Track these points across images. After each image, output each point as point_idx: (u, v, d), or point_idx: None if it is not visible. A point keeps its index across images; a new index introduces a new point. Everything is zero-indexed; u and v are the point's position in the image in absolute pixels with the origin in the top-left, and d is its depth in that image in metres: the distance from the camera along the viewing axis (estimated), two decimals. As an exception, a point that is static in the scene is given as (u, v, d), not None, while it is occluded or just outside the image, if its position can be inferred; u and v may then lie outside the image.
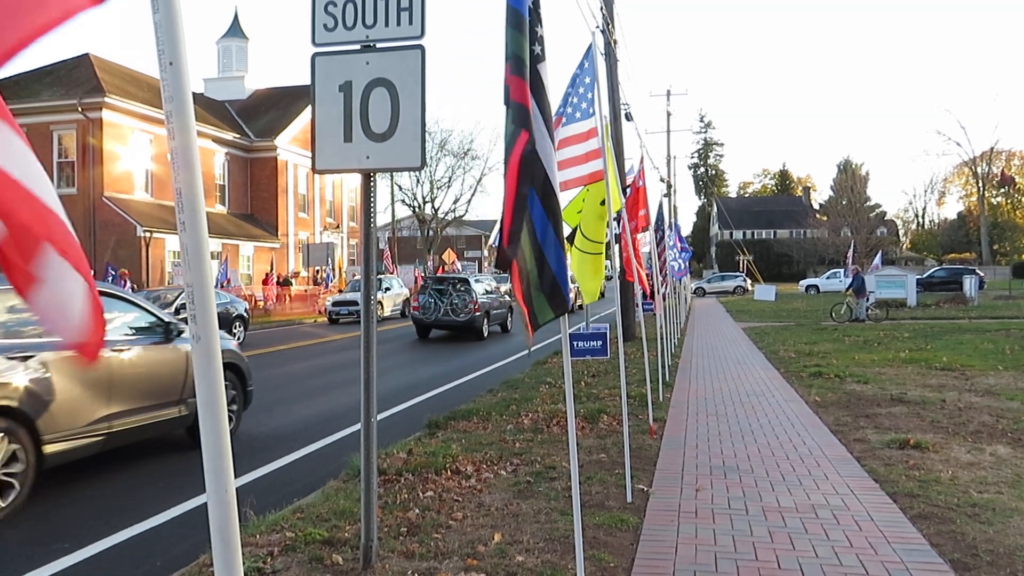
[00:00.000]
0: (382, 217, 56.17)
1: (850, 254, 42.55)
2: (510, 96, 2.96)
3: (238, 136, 38.66)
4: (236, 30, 44.69)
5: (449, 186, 56.59)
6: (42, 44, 1.20)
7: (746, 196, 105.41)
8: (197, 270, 1.60)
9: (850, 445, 7.09)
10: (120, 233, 29.50)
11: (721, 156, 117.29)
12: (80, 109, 29.55)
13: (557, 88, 11.57)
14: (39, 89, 30.31)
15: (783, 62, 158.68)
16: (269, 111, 41.72)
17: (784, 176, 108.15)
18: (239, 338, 19.06)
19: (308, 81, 4.15)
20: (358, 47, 4.09)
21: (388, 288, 29.47)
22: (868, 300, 24.75)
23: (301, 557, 4.37)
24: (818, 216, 78.19)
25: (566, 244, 3.31)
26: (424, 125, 4.02)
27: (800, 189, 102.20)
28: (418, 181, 55.39)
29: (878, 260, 40.18)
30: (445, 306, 20.49)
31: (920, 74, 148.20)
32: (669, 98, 47.34)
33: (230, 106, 42.16)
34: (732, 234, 79.68)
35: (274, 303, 32.37)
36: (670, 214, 32.64)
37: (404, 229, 62.40)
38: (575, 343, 8.96)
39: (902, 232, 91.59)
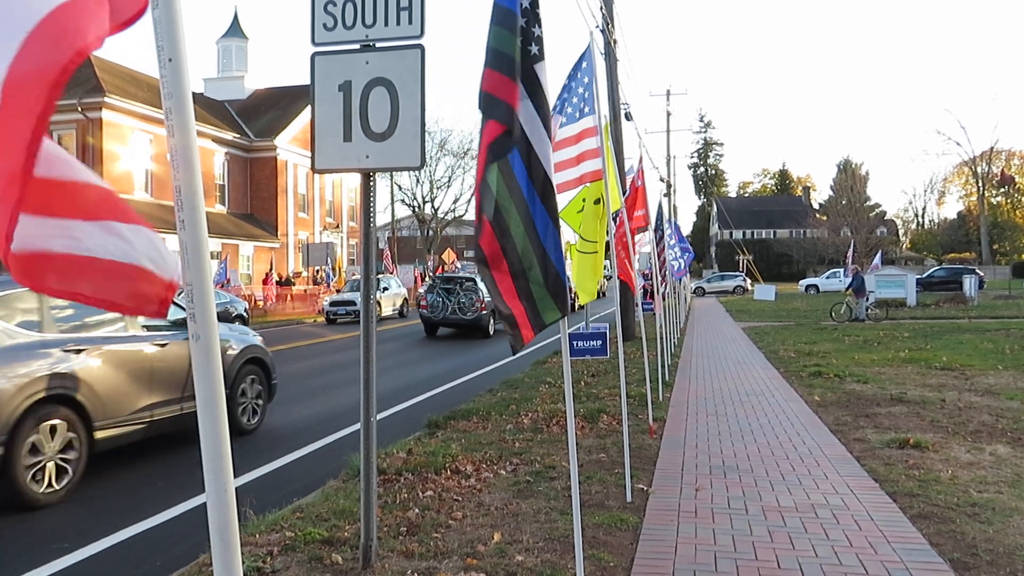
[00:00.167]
0: (382, 217, 56.26)
1: (850, 254, 42.52)
2: (481, 87, 2.93)
3: (238, 136, 38.67)
4: (236, 30, 44.71)
5: (449, 186, 56.67)
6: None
7: (746, 196, 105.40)
8: (196, 269, 1.59)
9: (850, 445, 7.09)
10: (120, 233, 29.43)
11: (721, 156, 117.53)
12: (80, 109, 29.55)
13: (556, 89, 11.50)
14: (39, 89, 30.28)
15: (783, 62, 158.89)
16: (269, 111, 41.73)
17: (784, 176, 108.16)
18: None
19: (308, 81, 4.15)
20: (358, 47, 4.08)
21: (386, 288, 29.45)
22: (868, 300, 24.75)
23: (301, 556, 4.37)
24: (818, 216, 78.20)
25: (567, 245, 3.29)
26: (424, 125, 4.01)
27: (800, 189, 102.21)
28: (418, 181, 55.46)
29: (878, 260, 40.13)
30: (453, 305, 20.92)
31: (920, 74, 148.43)
32: (669, 98, 47.38)
33: (230, 106, 42.17)
34: (732, 234, 79.67)
35: (274, 303, 32.36)
36: (670, 214, 32.63)
37: (404, 229, 62.43)
38: (575, 343, 8.97)
39: (902, 232, 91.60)
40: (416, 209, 56.90)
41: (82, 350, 6.33)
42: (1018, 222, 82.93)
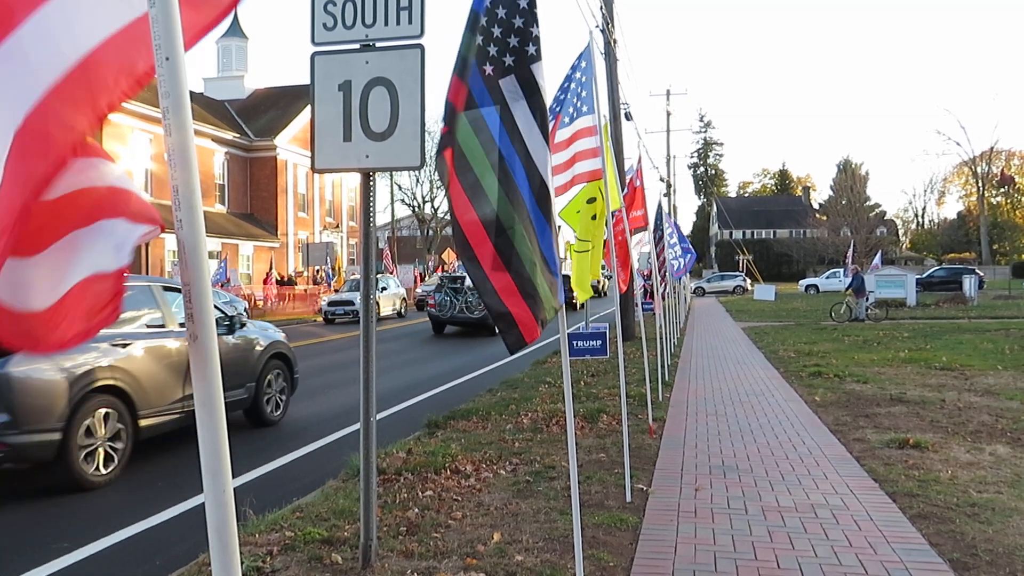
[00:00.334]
0: (381, 216, 56.24)
1: (850, 254, 42.55)
2: (447, 95, 2.98)
3: (238, 136, 38.65)
4: (236, 30, 44.69)
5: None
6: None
7: (746, 196, 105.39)
8: (195, 268, 1.58)
9: (849, 445, 7.09)
10: (120, 233, 29.43)
11: (721, 156, 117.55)
12: (79, 108, 29.50)
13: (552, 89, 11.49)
14: (38, 89, 30.28)
15: (782, 62, 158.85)
16: (269, 111, 41.72)
17: (784, 176, 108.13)
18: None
19: (308, 80, 4.15)
20: (357, 46, 4.08)
21: (385, 288, 29.43)
22: (868, 300, 24.74)
23: (300, 556, 4.36)
24: (818, 216, 78.19)
25: (566, 244, 3.30)
26: (424, 124, 4.02)
27: (800, 189, 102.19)
28: (417, 180, 55.47)
29: (878, 260, 40.15)
30: (460, 304, 21.53)
31: (920, 74, 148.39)
32: (669, 98, 47.38)
33: (230, 106, 42.16)
34: (732, 234, 79.67)
35: (273, 302, 32.36)
36: (670, 213, 32.61)
37: (404, 229, 62.42)
38: (575, 342, 8.97)
39: (902, 232, 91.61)
40: (416, 209, 56.94)
41: (128, 344, 6.83)
42: (1018, 222, 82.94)
